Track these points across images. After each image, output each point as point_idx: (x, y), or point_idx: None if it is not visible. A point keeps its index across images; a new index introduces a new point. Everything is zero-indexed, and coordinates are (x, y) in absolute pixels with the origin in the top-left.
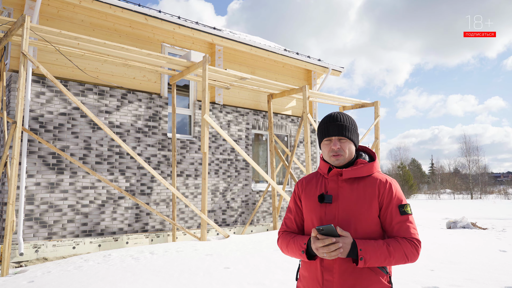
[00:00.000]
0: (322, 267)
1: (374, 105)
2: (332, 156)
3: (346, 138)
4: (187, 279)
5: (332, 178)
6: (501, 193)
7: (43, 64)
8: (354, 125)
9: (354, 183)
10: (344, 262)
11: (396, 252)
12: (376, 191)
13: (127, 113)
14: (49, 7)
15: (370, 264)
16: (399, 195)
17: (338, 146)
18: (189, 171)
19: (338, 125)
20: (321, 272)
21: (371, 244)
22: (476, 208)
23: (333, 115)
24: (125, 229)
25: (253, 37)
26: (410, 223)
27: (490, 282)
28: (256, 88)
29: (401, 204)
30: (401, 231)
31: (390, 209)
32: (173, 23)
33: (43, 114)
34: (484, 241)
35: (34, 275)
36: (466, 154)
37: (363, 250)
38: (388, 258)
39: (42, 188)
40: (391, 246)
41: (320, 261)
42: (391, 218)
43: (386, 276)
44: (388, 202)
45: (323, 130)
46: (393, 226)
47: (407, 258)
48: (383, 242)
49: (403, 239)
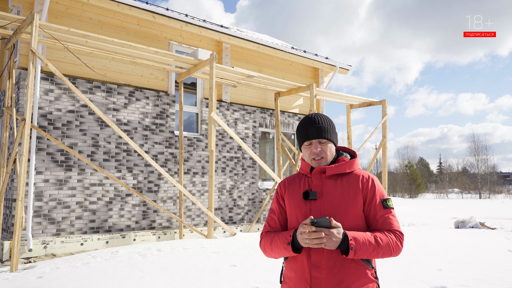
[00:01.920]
0: (310, 264)
1: (382, 104)
2: (313, 160)
3: (326, 139)
4: (194, 276)
5: (316, 175)
6: (510, 193)
7: (52, 61)
8: (332, 126)
9: (338, 179)
10: (331, 257)
11: (384, 244)
12: (359, 186)
13: (134, 111)
14: (57, 5)
15: (359, 255)
16: (381, 190)
17: (319, 148)
18: (196, 169)
19: (317, 128)
20: (308, 270)
21: (361, 235)
22: (484, 208)
23: (311, 117)
24: (133, 226)
25: (260, 35)
26: (393, 216)
27: (499, 282)
28: (263, 86)
29: (384, 198)
30: (385, 224)
31: (374, 203)
32: (181, 21)
33: (52, 111)
34: (492, 241)
35: (43, 271)
36: (474, 153)
37: (353, 240)
38: (376, 249)
39: (50, 185)
40: (378, 238)
41: (307, 258)
42: (375, 211)
43: (372, 271)
44: (372, 197)
45: (303, 134)
46: (377, 219)
47: (393, 250)
48: (371, 234)
49: (389, 231)
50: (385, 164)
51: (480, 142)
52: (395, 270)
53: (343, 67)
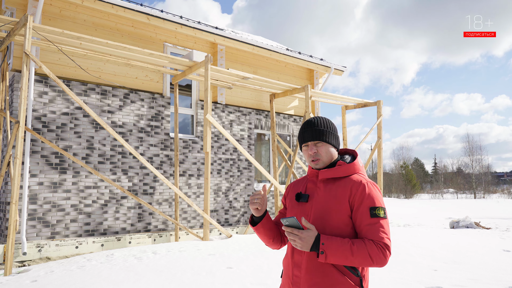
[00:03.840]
0: (293, 262)
1: (377, 105)
2: (311, 162)
3: (322, 141)
4: (190, 279)
5: (312, 179)
6: (504, 193)
7: (46, 63)
8: (331, 128)
9: (329, 184)
10: (312, 258)
11: (359, 252)
12: (348, 191)
13: (129, 113)
14: (51, 7)
15: (330, 259)
16: (372, 197)
17: (314, 150)
18: (192, 171)
19: (313, 130)
20: (292, 268)
21: (335, 240)
22: (479, 208)
23: (310, 120)
24: (128, 228)
25: (255, 37)
26: (381, 226)
27: (494, 282)
28: (258, 87)
29: (373, 206)
30: (369, 233)
31: (361, 210)
32: (175, 23)
33: (46, 113)
34: (487, 240)
35: (37, 275)
36: (469, 154)
37: (325, 244)
38: (350, 257)
39: (45, 187)
40: (355, 246)
41: (291, 257)
42: (361, 219)
43: (356, 279)
44: (359, 204)
45: (301, 137)
46: (362, 227)
47: (372, 260)
48: (348, 241)
49: (370, 241)
50: (380, 165)
51: (474, 142)
52: (391, 270)
53: (338, 68)
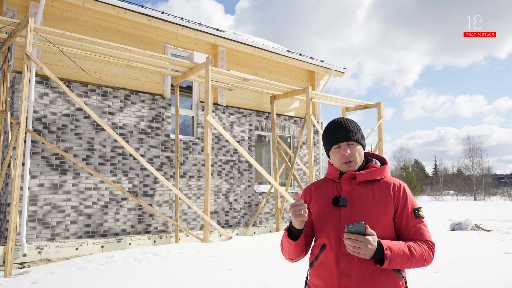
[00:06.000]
0: (339, 272)
1: (377, 106)
2: (343, 164)
3: (355, 142)
4: (190, 280)
5: (345, 181)
6: (504, 195)
7: (47, 65)
8: (359, 128)
9: (368, 186)
10: (362, 266)
11: (417, 254)
12: (391, 194)
13: (130, 114)
14: (52, 8)
15: (393, 265)
16: (412, 199)
17: (348, 151)
18: (192, 172)
19: (344, 130)
20: (337, 278)
21: (395, 245)
22: (479, 210)
23: (338, 121)
24: (128, 230)
25: (256, 38)
26: (425, 226)
27: (495, 285)
28: (259, 89)
29: (416, 207)
30: (418, 234)
31: (406, 212)
32: (176, 24)
33: (47, 115)
34: (488, 243)
35: (37, 276)
36: (469, 156)
37: (388, 249)
38: (410, 259)
39: (45, 189)
40: (412, 248)
41: (336, 266)
42: (407, 221)
43: (402, 281)
44: (404, 205)
45: (331, 138)
46: (409, 229)
47: (425, 260)
48: (405, 244)
49: (422, 241)
50: None
51: (475, 144)
52: None
53: (339, 70)
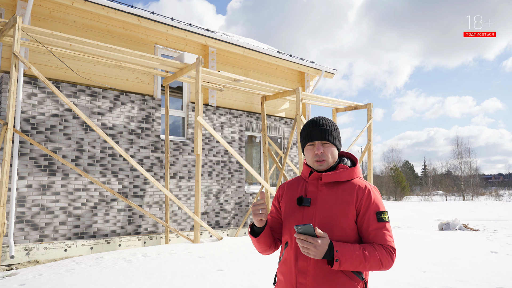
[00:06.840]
0: (297, 269)
1: (367, 107)
2: (315, 162)
3: (329, 142)
4: (180, 281)
5: (312, 182)
6: (492, 195)
7: (35, 65)
8: (336, 129)
9: (333, 188)
10: (319, 265)
11: (371, 258)
12: (354, 196)
13: (120, 115)
14: (41, 7)
15: (345, 267)
16: (377, 202)
17: (321, 150)
18: (182, 173)
19: (321, 130)
20: (295, 275)
21: (348, 247)
22: (468, 210)
23: (316, 119)
24: (118, 231)
25: (246, 39)
26: (387, 230)
27: (482, 284)
28: (249, 90)
29: (379, 211)
30: (377, 238)
31: (368, 215)
32: (166, 25)
33: (35, 115)
34: (476, 242)
35: (25, 278)
36: (458, 156)
37: (339, 252)
38: (363, 263)
39: (33, 190)
40: (366, 251)
41: (295, 264)
42: (368, 224)
43: (361, 283)
44: (366, 208)
45: (306, 135)
46: (369, 232)
47: (382, 264)
48: (360, 246)
49: (379, 245)
50: (370, 167)
51: (463, 145)
52: (381, 272)
53: (329, 71)
